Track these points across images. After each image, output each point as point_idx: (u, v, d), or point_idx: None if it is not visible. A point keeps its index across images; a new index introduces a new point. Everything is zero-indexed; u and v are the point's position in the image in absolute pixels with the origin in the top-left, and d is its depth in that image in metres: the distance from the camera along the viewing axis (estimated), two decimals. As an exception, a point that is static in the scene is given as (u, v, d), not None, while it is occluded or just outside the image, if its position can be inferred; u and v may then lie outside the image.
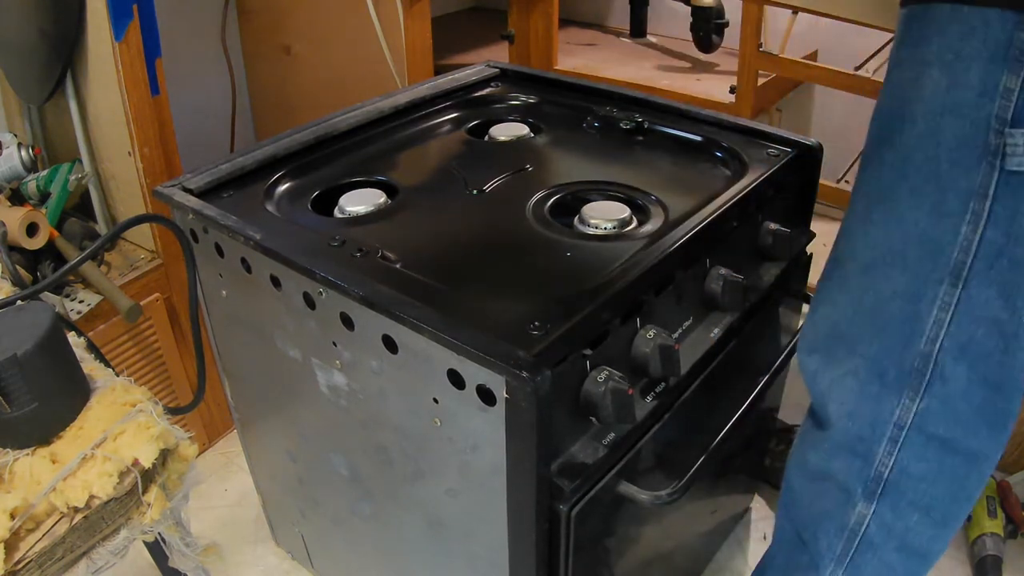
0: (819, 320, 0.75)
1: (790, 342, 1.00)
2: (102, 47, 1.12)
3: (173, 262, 1.27)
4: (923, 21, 0.61)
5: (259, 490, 1.19)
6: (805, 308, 1.04)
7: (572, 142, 1.06)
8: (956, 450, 0.70)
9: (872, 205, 0.68)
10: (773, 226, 0.92)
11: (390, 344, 0.71)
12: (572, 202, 0.89)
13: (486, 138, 1.06)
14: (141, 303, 1.21)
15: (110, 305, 1.17)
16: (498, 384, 0.63)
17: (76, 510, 0.63)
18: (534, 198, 0.88)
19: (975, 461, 0.71)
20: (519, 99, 1.17)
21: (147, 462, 0.65)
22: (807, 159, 0.97)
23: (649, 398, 0.76)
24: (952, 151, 0.61)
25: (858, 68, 1.74)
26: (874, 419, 0.71)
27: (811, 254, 1.03)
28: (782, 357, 0.93)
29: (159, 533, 0.70)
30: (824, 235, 1.20)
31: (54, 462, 0.64)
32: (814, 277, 1.22)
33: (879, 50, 1.76)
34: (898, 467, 0.72)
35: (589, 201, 0.87)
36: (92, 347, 0.82)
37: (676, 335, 0.80)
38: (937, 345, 0.66)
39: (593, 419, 0.69)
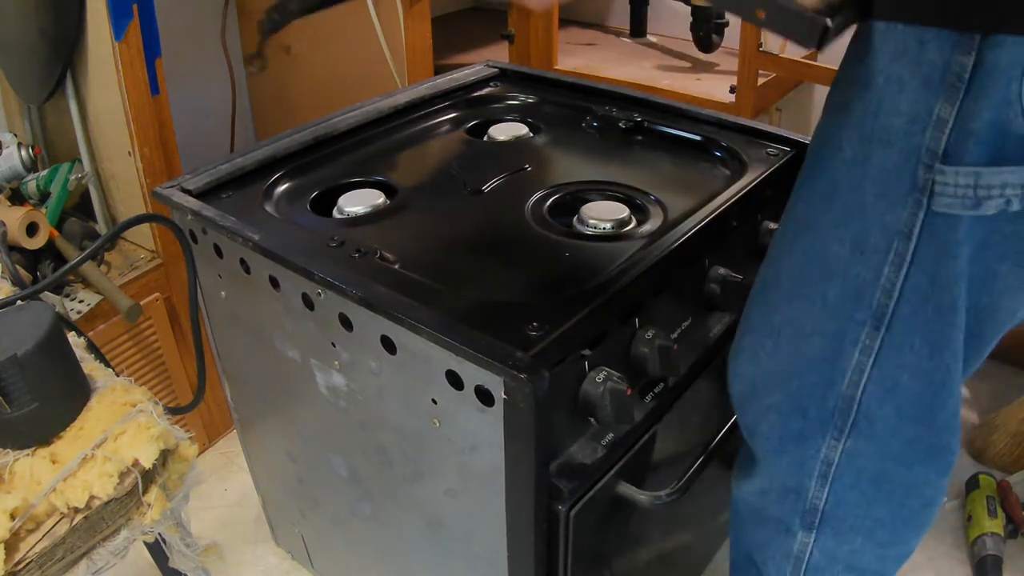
0: (744, 348, 0.71)
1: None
2: (102, 47, 1.12)
3: (173, 262, 1.28)
4: (860, 39, 0.55)
5: (259, 490, 1.19)
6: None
7: (571, 142, 1.06)
8: (891, 480, 0.67)
9: (798, 233, 0.64)
10: (773, 226, 0.92)
11: (389, 345, 0.72)
12: (571, 202, 0.89)
13: (485, 138, 1.06)
14: (141, 303, 1.21)
15: (110, 305, 1.17)
16: (496, 385, 0.63)
17: (76, 510, 0.63)
18: (533, 198, 0.88)
19: (914, 488, 0.67)
20: (518, 99, 1.17)
21: (147, 462, 0.65)
22: (806, 159, 0.97)
23: (648, 398, 0.76)
24: (877, 183, 0.56)
25: (858, 68, 1.74)
26: (801, 456, 0.68)
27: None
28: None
29: (159, 533, 0.70)
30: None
31: (54, 462, 0.64)
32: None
33: (879, 50, 1.76)
34: (832, 499, 0.69)
35: (588, 201, 0.87)
36: (92, 347, 0.82)
37: (675, 335, 0.80)
38: (860, 388, 0.63)
39: (592, 419, 0.69)
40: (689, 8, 2.00)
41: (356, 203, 0.87)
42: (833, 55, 0.58)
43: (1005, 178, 0.51)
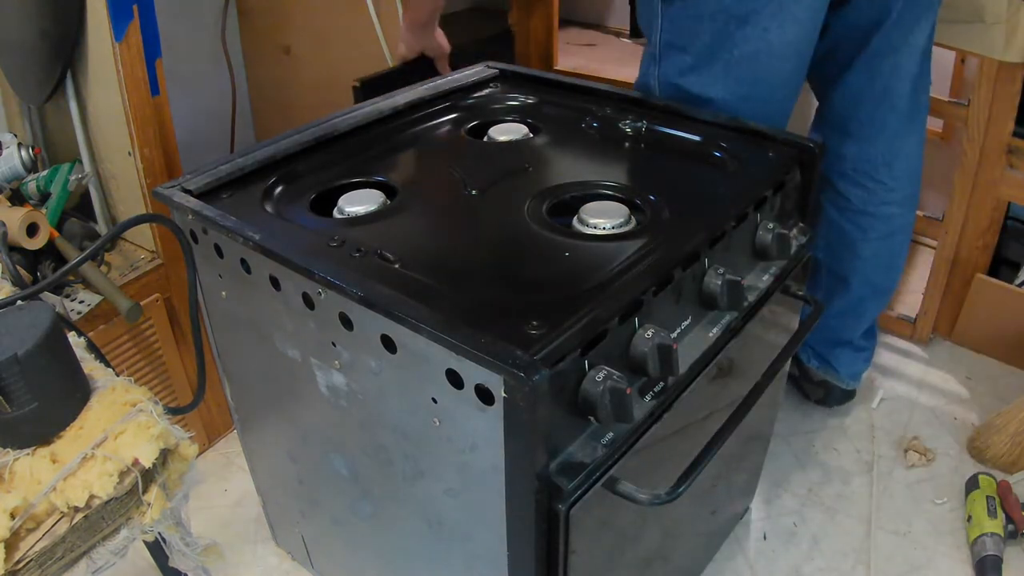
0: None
1: (789, 341, 1.00)
2: (102, 47, 1.12)
3: (173, 262, 1.28)
4: None
5: (259, 490, 1.19)
6: (804, 308, 1.04)
7: (571, 142, 1.06)
8: None
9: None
10: (772, 226, 0.92)
11: (389, 344, 0.72)
12: (571, 202, 0.89)
13: (485, 139, 1.06)
14: (141, 303, 1.21)
15: (110, 305, 1.18)
16: (496, 384, 0.64)
17: (76, 510, 0.63)
18: (533, 198, 0.88)
19: None
20: (518, 100, 1.17)
21: (147, 462, 0.65)
22: (807, 159, 0.97)
23: (648, 398, 0.76)
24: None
25: (858, 68, 1.74)
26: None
27: (811, 254, 1.03)
28: (781, 356, 0.93)
29: (159, 533, 0.70)
30: (823, 235, 1.18)
31: (54, 462, 0.64)
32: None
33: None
34: None
35: (588, 201, 0.87)
36: (92, 347, 0.82)
37: (675, 335, 0.80)
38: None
39: (591, 418, 0.69)
40: (689, 8, 2.00)
41: (356, 203, 0.87)
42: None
43: None
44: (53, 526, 0.62)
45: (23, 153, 1.25)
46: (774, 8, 1.00)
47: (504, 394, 0.63)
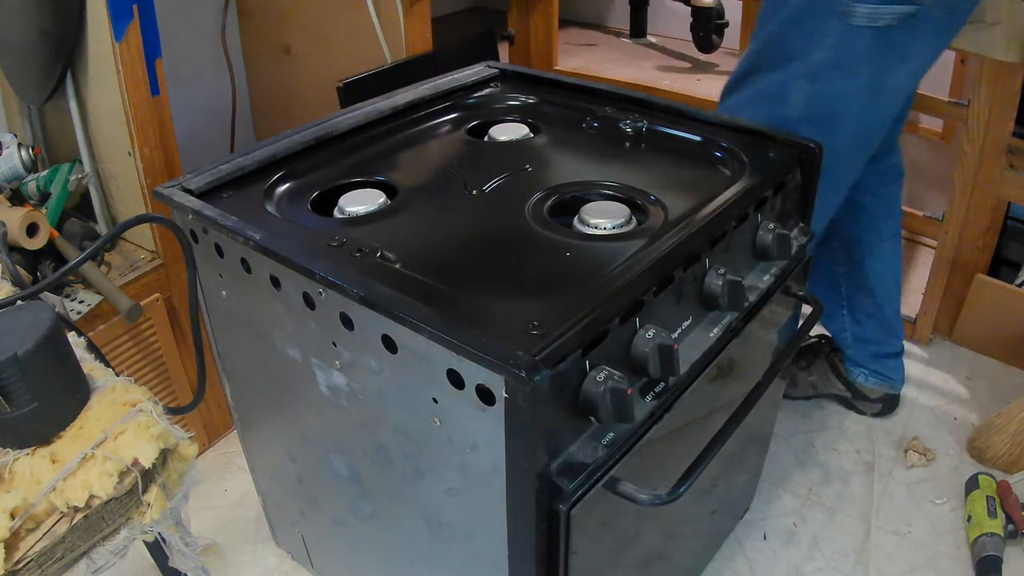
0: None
1: (789, 341, 1.00)
2: (102, 47, 1.12)
3: (173, 262, 1.28)
4: None
5: (259, 490, 1.19)
6: (805, 308, 1.04)
7: (572, 142, 1.06)
8: None
9: (765, 25, 1.13)
10: (772, 226, 0.92)
11: (389, 344, 0.72)
12: (572, 202, 0.89)
13: (486, 138, 1.06)
14: (141, 303, 1.21)
15: (110, 305, 1.17)
16: (497, 384, 0.64)
17: (76, 510, 0.63)
18: (534, 198, 0.88)
19: None
20: (519, 99, 1.17)
21: (147, 462, 0.65)
22: (807, 159, 0.97)
23: (648, 398, 0.76)
24: (816, 16, 1.06)
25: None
26: None
27: (811, 254, 1.03)
28: (781, 357, 0.93)
29: (159, 533, 0.70)
30: (824, 235, 1.18)
31: (54, 462, 0.64)
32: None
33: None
34: None
35: (588, 201, 0.87)
36: (92, 347, 0.82)
37: (675, 335, 0.80)
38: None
39: (592, 419, 0.69)
40: (689, 8, 2.01)
41: (357, 203, 0.87)
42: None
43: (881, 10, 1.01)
44: (53, 526, 0.62)
45: (23, 153, 1.25)
46: (929, 53, 1.09)
47: (505, 394, 0.63)
